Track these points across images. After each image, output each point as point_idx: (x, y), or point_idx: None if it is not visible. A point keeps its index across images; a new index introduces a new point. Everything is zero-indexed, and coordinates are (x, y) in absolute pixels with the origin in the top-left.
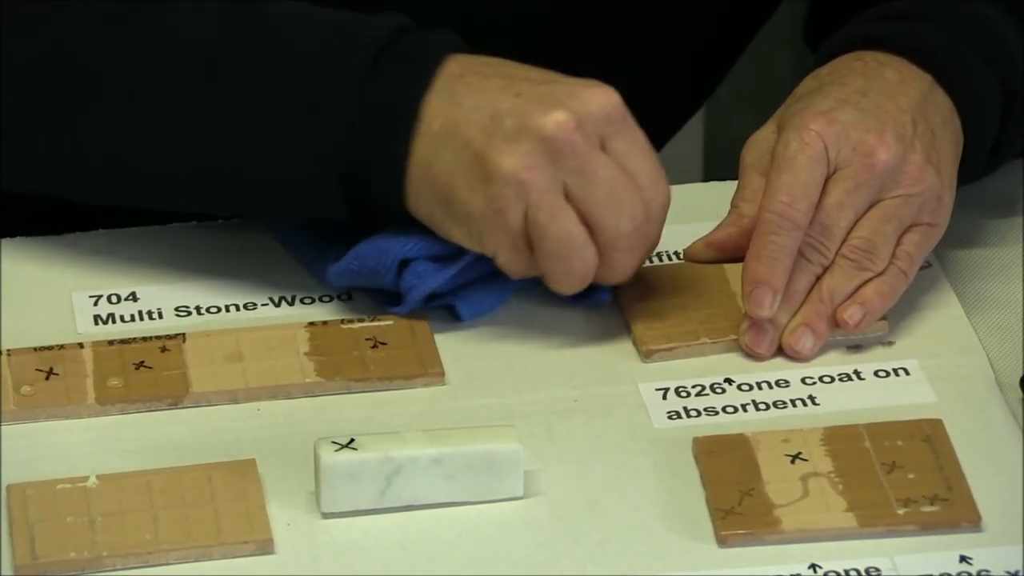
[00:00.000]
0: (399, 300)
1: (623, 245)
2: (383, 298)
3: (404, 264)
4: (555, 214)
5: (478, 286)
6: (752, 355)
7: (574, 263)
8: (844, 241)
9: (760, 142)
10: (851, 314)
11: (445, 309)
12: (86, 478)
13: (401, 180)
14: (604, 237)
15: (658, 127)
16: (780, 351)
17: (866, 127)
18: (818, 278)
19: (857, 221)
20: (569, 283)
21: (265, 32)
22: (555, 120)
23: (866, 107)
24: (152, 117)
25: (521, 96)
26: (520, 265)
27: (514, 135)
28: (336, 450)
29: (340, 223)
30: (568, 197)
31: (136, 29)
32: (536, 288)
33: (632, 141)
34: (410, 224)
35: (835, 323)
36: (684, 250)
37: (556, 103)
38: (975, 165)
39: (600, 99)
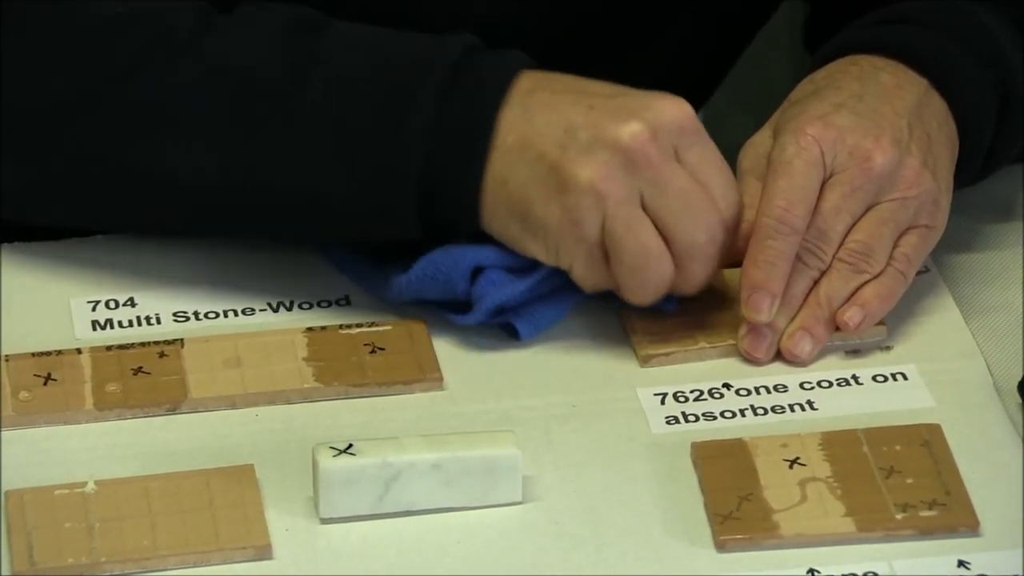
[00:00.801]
0: (466, 310)
1: (699, 255)
2: (450, 308)
3: (477, 273)
4: (631, 226)
5: (538, 302)
6: (751, 360)
7: (650, 275)
8: (841, 245)
9: (757, 146)
10: (851, 316)
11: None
12: (84, 483)
13: (477, 197)
14: (679, 248)
15: None
16: (779, 356)
17: (862, 131)
18: (815, 282)
19: (854, 225)
20: (645, 294)
21: (330, 56)
22: (630, 131)
23: (862, 111)
24: (223, 153)
25: (594, 109)
26: (595, 277)
27: (589, 147)
28: (334, 455)
29: (408, 242)
30: (644, 208)
31: (199, 57)
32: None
33: (705, 152)
34: (484, 239)
35: (834, 327)
36: None
37: (630, 114)
38: (971, 168)
39: (673, 110)
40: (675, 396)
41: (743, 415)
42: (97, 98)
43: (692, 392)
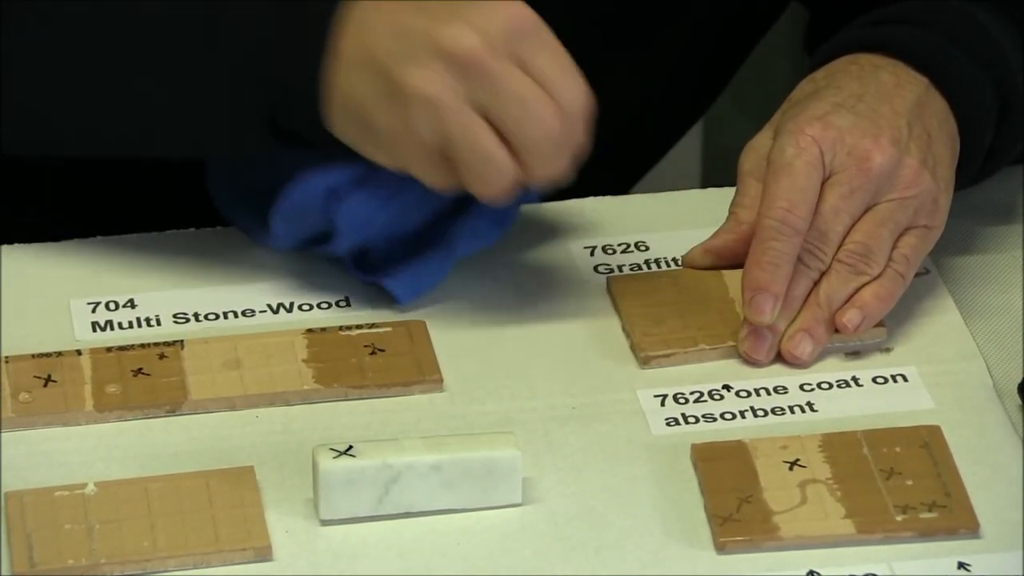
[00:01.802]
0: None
1: (538, 151)
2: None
3: (333, 197)
4: (464, 126)
5: (411, 263)
6: (751, 362)
7: (490, 172)
8: (840, 246)
9: (758, 148)
10: (850, 318)
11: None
12: (84, 485)
13: (320, 105)
14: (517, 146)
15: (667, 129)
16: (779, 357)
17: (861, 131)
18: (815, 283)
19: (853, 225)
20: (492, 192)
21: None
22: (462, 40)
23: (861, 111)
24: (72, 49)
25: (430, 17)
26: (439, 179)
27: (422, 56)
28: (334, 457)
29: (274, 166)
30: (480, 111)
31: None
32: (534, 294)
33: (543, 50)
34: (339, 154)
35: (833, 328)
36: (682, 256)
37: (463, 21)
38: (971, 169)
39: (507, 10)
40: (675, 398)
41: (743, 417)
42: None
43: (692, 394)
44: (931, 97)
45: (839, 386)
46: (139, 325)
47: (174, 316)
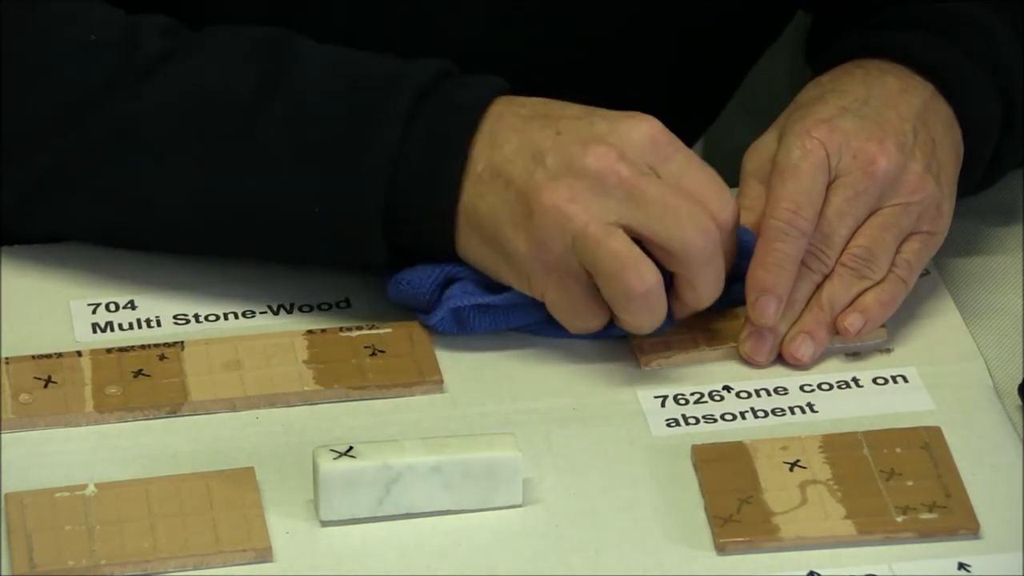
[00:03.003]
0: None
1: (699, 257)
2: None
3: (450, 284)
4: (600, 239)
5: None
6: (752, 363)
7: (632, 279)
8: (844, 249)
9: (761, 150)
10: (851, 322)
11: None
12: (84, 486)
13: (451, 224)
14: (675, 254)
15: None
16: (779, 358)
17: (867, 135)
18: (818, 286)
19: (857, 229)
20: (639, 317)
21: (298, 73)
22: (597, 154)
23: (867, 115)
24: (192, 176)
25: (562, 134)
26: (570, 305)
27: (556, 172)
28: (335, 458)
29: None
30: (628, 228)
31: (167, 81)
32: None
33: (683, 162)
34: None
35: (835, 331)
36: None
37: (597, 138)
38: (974, 176)
39: (642, 128)
40: (675, 399)
41: (743, 418)
42: (69, 123)
43: (692, 395)
44: (936, 103)
45: (839, 387)
46: (139, 326)
47: (174, 317)
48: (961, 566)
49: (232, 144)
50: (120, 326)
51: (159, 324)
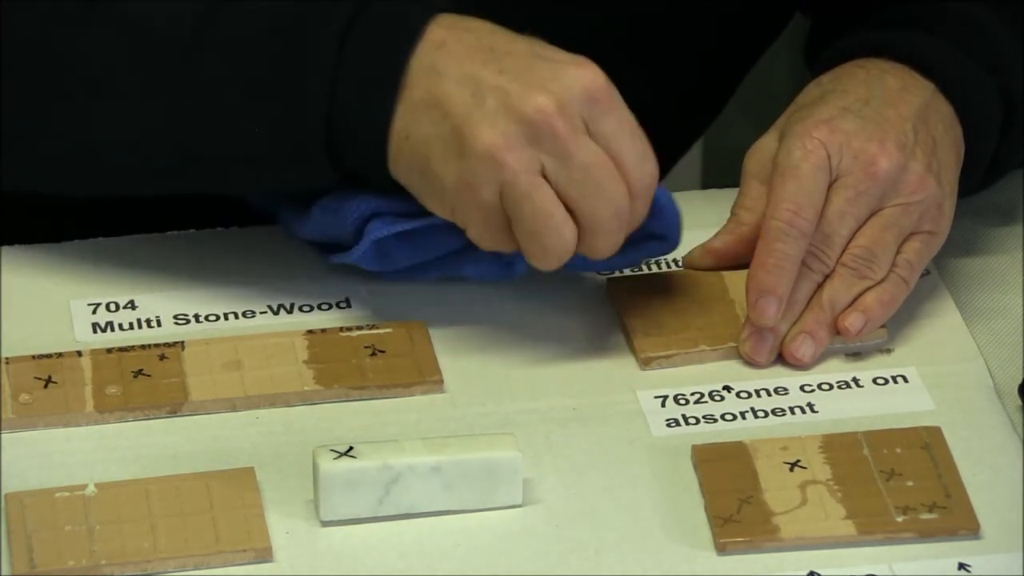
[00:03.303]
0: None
1: (602, 229)
2: (337, 249)
3: (372, 218)
4: (530, 193)
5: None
6: (752, 363)
7: (551, 240)
8: (845, 249)
9: (762, 150)
10: (852, 322)
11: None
12: (84, 486)
13: (383, 148)
14: (583, 221)
15: (674, 142)
16: (779, 358)
17: (867, 135)
18: (819, 286)
19: (858, 229)
20: (547, 260)
21: (238, 9)
22: (536, 103)
23: (868, 115)
24: (128, 103)
25: (504, 73)
26: (491, 240)
27: (494, 114)
28: (335, 458)
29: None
30: (547, 179)
31: (104, 15)
32: (534, 295)
33: (617, 121)
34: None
35: (835, 331)
36: (683, 257)
37: (539, 85)
38: (974, 176)
39: (584, 79)
40: (675, 399)
41: (743, 418)
42: (15, 62)
43: (692, 395)
44: (937, 102)
45: (840, 387)
46: (139, 326)
47: (174, 317)
48: (961, 566)
49: (171, 84)
50: (120, 326)
51: (159, 324)
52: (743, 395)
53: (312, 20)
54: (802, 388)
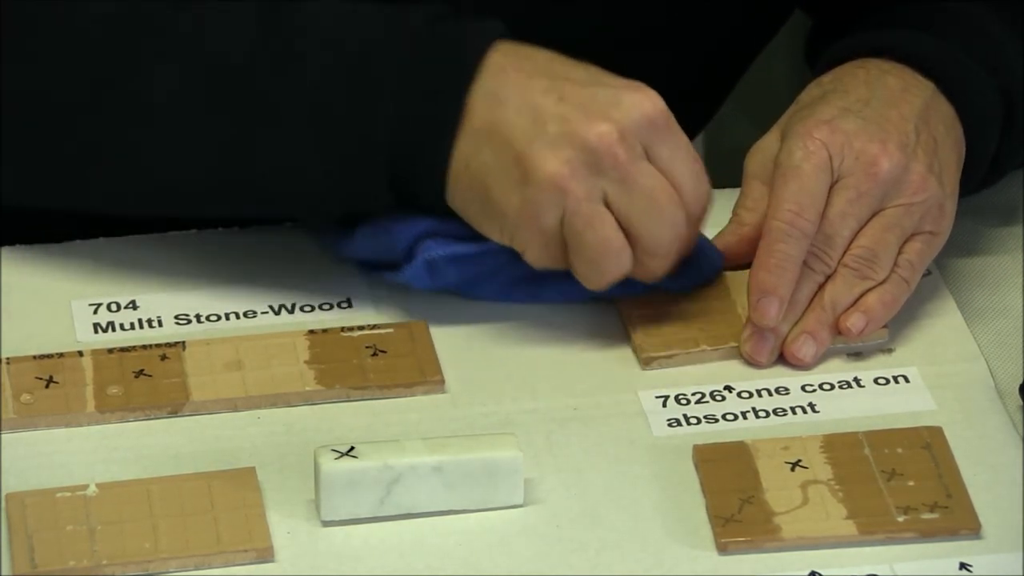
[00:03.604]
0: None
1: (662, 252)
2: (388, 268)
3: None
4: (592, 222)
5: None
6: (753, 363)
7: (609, 268)
8: (846, 250)
9: (764, 150)
10: (854, 322)
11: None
12: (85, 486)
13: (443, 176)
14: (643, 245)
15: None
16: (781, 358)
17: (869, 136)
18: (820, 286)
19: (859, 230)
20: (600, 283)
21: (301, 34)
22: (598, 131)
23: (869, 116)
24: (189, 130)
25: (564, 100)
26: (547, 261)
27: (556, 142)
28: (336, 458)
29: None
30: (608, 205)
31: (166, 41)
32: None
33: (675, 147)
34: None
35: (837, 331)
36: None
37: (600, 112)
38: (975, 175)
39: (644, 106)
40: (677, 399)
41: (744, 417)
42: (89, 100)
43: (694, 394)
44: (938, 102)
45: (841, 387)
46: (141, 326)
47: (176, 317)
48: (962, 566)
49: (237, 116)
50: (121, 326)
51: (160, 324)
52: (744, 395)
53: (376, 46)
54: (803, 388)
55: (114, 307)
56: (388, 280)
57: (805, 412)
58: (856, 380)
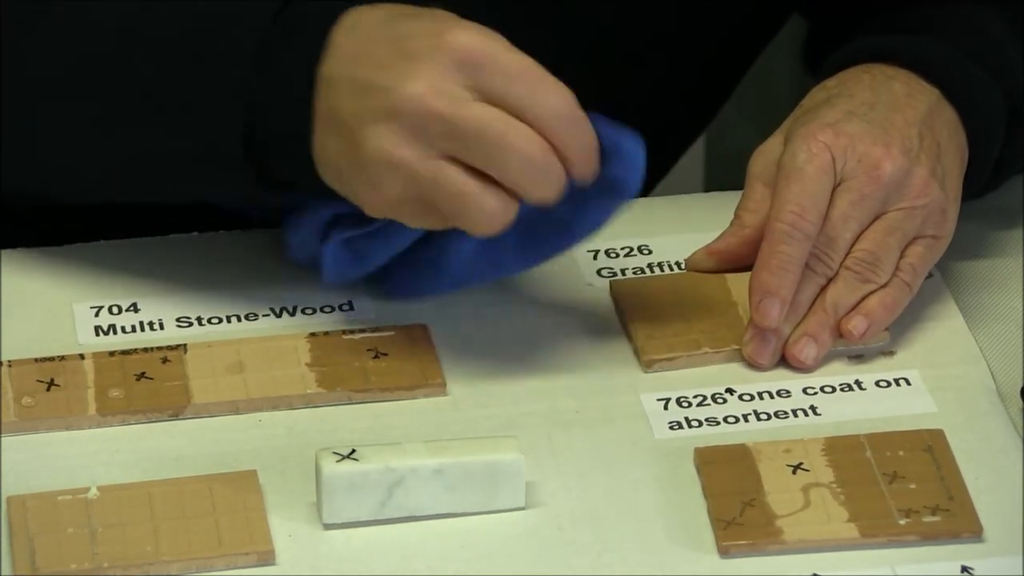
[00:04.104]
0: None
1: (524, 180)
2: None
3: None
4: (437, 180)
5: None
6: (754, 365)
7: (475, 212)
8: (848, 253)
9: (767, 153)
10: (855, 325)
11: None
12: (87, 489)
13: (309, 161)
14: (504, 180)
15: (679, 134)
16: (782, 361)
17: (872, 139)
18: (822, 289)
19: (861, 233)
20: (482, 230)
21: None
22: (407, 94)
23: (873, 119)
24: (61, 107)
25: (383, 66)
26: (430, 223)
27: (378, 114)
28: (337, 461)
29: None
30: (448, 158)
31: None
32: (537, 298)
33: (505, 74)
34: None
35: (838, 334)
36: (685, 260)
37: (412, 71)
38: (979, 180)
39: (454, 48)
40: (678, 401)
41: (746, 420)
42: None
43: (695, 397)
44: (942, 108)
45: (842, 389)
46: (142, 329)
47: (177, 320)
48: (964, 569)
49: (104, 82)
50: (123, 329)
51: (162, 327)
52: (746, 397)
53: (224, 38)
54: (805, 391)
55: (115, 310)
56: (325, 280)
57: (806, 415)
58: (857, 383)
